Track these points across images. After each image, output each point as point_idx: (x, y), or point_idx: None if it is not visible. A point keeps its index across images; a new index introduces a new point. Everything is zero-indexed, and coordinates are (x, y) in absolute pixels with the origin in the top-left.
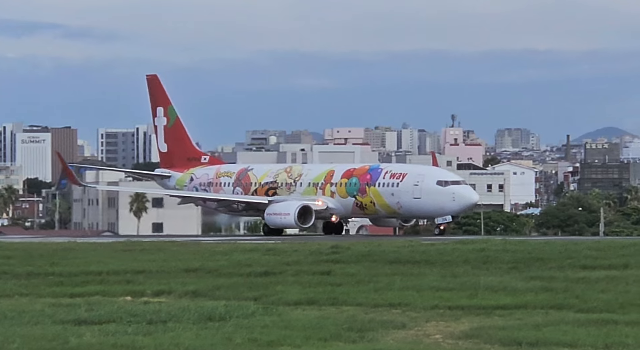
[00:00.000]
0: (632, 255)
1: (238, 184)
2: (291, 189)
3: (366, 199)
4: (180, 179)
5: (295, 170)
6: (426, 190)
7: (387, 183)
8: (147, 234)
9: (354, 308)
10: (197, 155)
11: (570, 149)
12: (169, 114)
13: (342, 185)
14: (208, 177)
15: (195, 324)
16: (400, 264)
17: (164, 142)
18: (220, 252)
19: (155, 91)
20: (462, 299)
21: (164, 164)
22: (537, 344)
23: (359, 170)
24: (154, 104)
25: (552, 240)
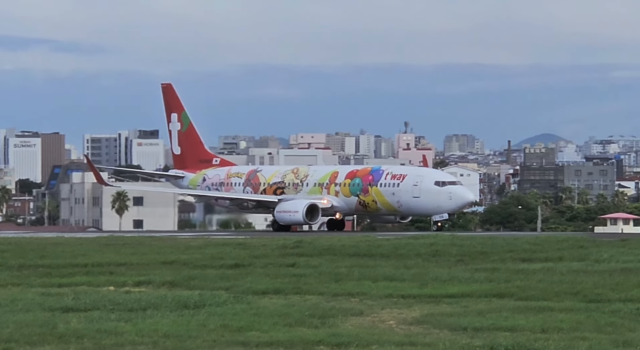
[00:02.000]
0: (566, 249)
1: (248, 184)
2: (298, 188)
3: (368, 198)
4: (193, 179)
5: (302, 172)
6: (425, 190)
7: (388, 183)
8: (128, 229)
9: (317, 297)
10: (209, 158)
11: (511, 153)
12: (183, 119)
13: (346, 185)
14: (220, 178)
15: (172, 311)
16: (359, 257)
17: (177, 145)
18: (195, 246)
19: (170, 98)
20: (413, 288)
21: (178, 165)
22: (481, 329)
23: (361, 171)
24: (169, 110)
25: (495, 235)
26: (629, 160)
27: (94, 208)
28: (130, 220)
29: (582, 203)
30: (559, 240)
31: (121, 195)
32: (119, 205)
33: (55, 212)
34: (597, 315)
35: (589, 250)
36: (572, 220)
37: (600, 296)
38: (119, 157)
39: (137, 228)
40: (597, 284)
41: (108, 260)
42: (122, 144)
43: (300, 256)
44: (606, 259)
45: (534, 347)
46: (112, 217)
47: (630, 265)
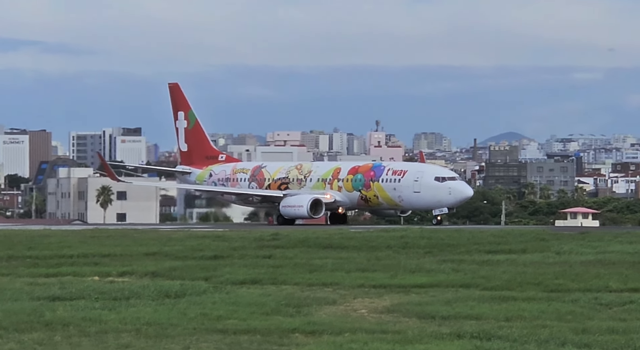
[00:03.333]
0: (529, 242)
1: (253, 180)
2: (302, 184)
3: (370, 193)
4: (200, 175)
5: (306, 168)
6: (425, 185)
7: (389, 179)
8: (112, 222)
9: (292, 287)
10: (215, 154)
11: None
12: (189, 117)
13: (349, 180)
14: (225, 174)
15: (154, 300)
16: (332, 249)
17: (184, 142)
18: (176, 238)
19: (177, 97)
20: (384, 278)
21: (184, 162)
22: (448, 317)
23: (363, 167)
24: (175, 109)
25: (461, 228)
26: (588, 157)
27: (79, 202)
28: (114, 213)
29: (544, 198)
30: (522, 233)
31: (106, 190)
32: (104, 199)
33: (42, 206)
34: (558, 304)
35: (550, 243)
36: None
37: (560, 286)
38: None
39: (121, 221)
40: (558, 275)
41: (93, 251)
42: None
43: (277, 248)
44: (566, 251)
45: (498, 335)
46: (96, 210)
47: (589, 257)
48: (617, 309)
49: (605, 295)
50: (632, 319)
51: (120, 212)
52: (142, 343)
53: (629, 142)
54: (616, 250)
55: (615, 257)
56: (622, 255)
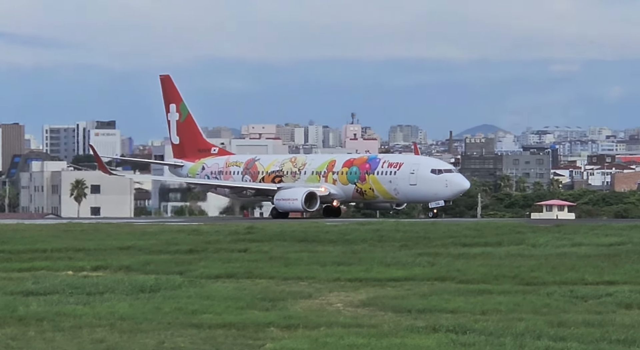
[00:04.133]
0: (505, 235)
1: (247, 173)
2: (296, 177)
3: (366, 186)
4: (192, 168)
5: (300, 160)
6: (421, 177)
7: (385, 171)
8: (86, 216)
9: (267, 281)
10: (208, 147)
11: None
12: (181, 109)
13: (344, 173)
14: (218, 167)
15: (128, 295)
16: (307, 243)
17: (176, 135)
18: (151, 232)
19: (168, 89)
20: (360, 272)
21: (176, 155)
22: (424, 310)
23: (358, 160)
24: (167, 101)
25: (437, 221)
26: (563, 149)
27: (53, 196)
28: (88, 207)
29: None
30: (498, 226)
31: (79, 183)
32: (78, 192)
33: (15, 200)
34: (533, 297)
35: (526, 236)
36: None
37: (536, 279)
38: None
39: (95, 215)
40: (534, 268)
41: (67, 245)
42: (80, 134)
43: (252, 242)
44: (542, 243)
45: (474, 328)
46: (70, 204)
47: (564, 249)
48: (592, 302)
49: (580, 288)
50: (607, 311)
51: (94, 206)
52: (117, 338)
53: (605, 134)
54: (592, 242)
55: (591, 249)
56: (598, 248)
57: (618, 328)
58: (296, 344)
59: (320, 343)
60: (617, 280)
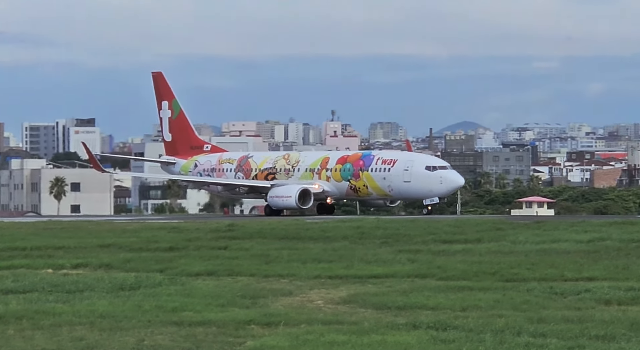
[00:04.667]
0: (485, 231)
1: (239, 170)
2: (289, 174)
3: (359, 183)
4: (184, 165)
5: (293, 157)
6: (415, 174)
7: (379, 168)
8: (66, 214)
9: (248, 278)
10: (200, 144)
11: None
12: (174, 107)
13: (337, 170)
14: (211, 164)
15: (108, 293)
16: (288, 240)
17: (168, 132)
18: (131, 230)
19: (160, 86)
20: (340, 269)
21: (169, 152)
22: (405, 307)
23: (352, 156)
24: (159, 98)
25: (417, 218)
26: (543, 146)
27: (32, 193)
28: (68, 205)
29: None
30: (478, 222)
31: (59, 181)
32: (57, 190)
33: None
34: (513, 294)
35: (506, 232)
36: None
37: (516, 276)
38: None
39: (75, 213)
40: (514, 264)
41: (46, 243)
42: (59, 132)
43: (232, 239)
44: (522, 240)
45: (454, 325)
46: (50, 202)
47: (544, 246)
48: (572, 298)
49: (560, 284)
50: (586, 308)
51: (74, 204)
52: (97, 336)
53: (584, 131)
54: (571, 239)
55: (570, 246)
56: (577, 244)
57: (597, 324)
58: (277, 342)
59: (300, 340)
60: (597, 276)
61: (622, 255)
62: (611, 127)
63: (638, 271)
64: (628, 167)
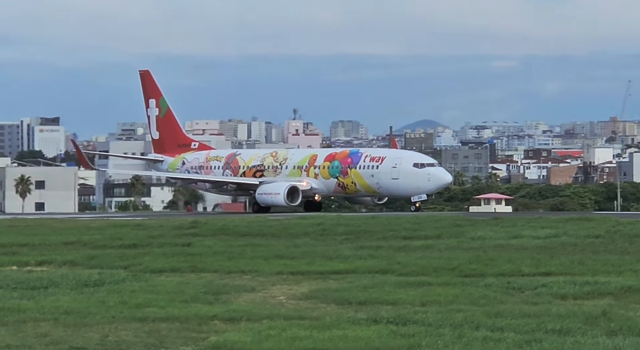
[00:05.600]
0: (444, 228)
1: (227, 167)
2: (277, 171)
3: (347, 180)
4: (172, 163)
5: (281, 155)
6: (404, 171)
7: (367, 165)
8: (30, 212)
9: (211, 274)
10: (188, 142)
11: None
12: (161, 105)
13: (325, 167)
14: (199, 161)
15: (73, 289)
16: (251, 237)
17: (155, 130)
18: (95, 227)
19: (148, 84)
20: (302, 265)
21: (156, 150)
22: (365, 303)
23: (340, 154)
24: (147, 96)
25: (378, 215)
26: (501, 144)
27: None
28: (32, 203)
29: (459, 184)
30: (437, 219)
31: (24, 179)
32: (22, 188)
33: None
34: (471, 289)
35: (464, 229)
36: (450, 200)
37: (474, 271)
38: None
39: (39, 210)
40: (472, 260)
41: (11, 241)
42: (24, 131)
43: (196, 236)
44: (480, 236)
45: (414, 319)
46: (15, 200)
47: (502, 242)
48: (529, 293)
49: (517, 279)
50: (543, 302)
51: (38, 202)
52: (61, 332)
53: (541, 129)
54: (528, 235)
55: (528, 242)
56: (534, 240)
57: (553, 318)
58: (239, 337)
59: (263, 335)
60: (553, 271)
61: (578, 250)
62: (567, 125)
63: (593, 266)
64: (584, 164)
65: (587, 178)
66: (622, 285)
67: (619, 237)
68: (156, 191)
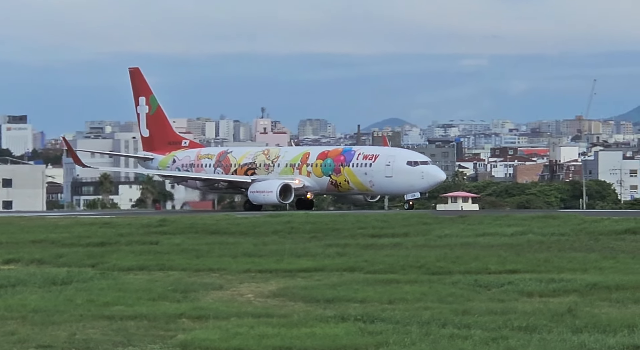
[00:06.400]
0: (412, 226)
1: (219, 165)
2: (269, 169)
3: (340, 178)
4: (162, 161)
5: (273, 153)
6: (397, 169)
7: (360, 163)
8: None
9: (179, 272)
10: (178, 140)
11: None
12: (151, 102)
13: (318, 165)
14: (190, 159)
15: (40, 287)
16: (219, 235)
17: (145, 128)
18: (63, 225)
19: (137, 82)
20: (270, 263)
21: (146, 148)
22: (333, 300)
23: (333, 152)
24: (137, 94)
25: (346, 213)
26: (468, 142)
27: None
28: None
29: None
30: (405, 217)
31: None
32: None
33: None
34: (439, 286)
35: (432, 227)
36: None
37: (442, 269)
38: None
39: (7, 209)
40: (439, 258)
41: None
42: None
43: (164, 234)
44: (447, 234)
45: (381, 317)
46: None
47: (468, 240)
48: (495, 290)
49: (484, 277)
50: (509, 299)
51: (6, 200)
52: (29, 330)
53: (508, 128)
54: (495, 233)
55: (494, 239)
56: (501, 238)
57: (520, 315)
58: (207, 335)
59: (231, 333)
60: (519, 269)
61: (544, 248)
62: (533, 123)
63: (559, 264)
64: (549, 162)
65: (553, 176)
66: (587, 283)
67: (584, 235)
68: (124, 189)
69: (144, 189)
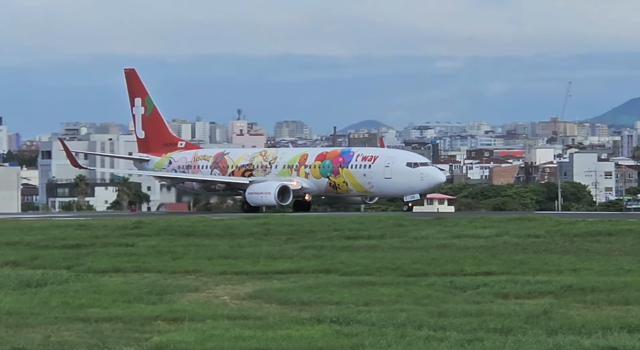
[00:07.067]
0: (388, 228)
1: (215, 167)
2: (267, 170)
3: (339, 180)
4: (158, 163)
5: (270, 154)
6: (396, 171)
7: (359, 165)
8: None
9: (155, 274)
10: (174, 141)
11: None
12: (147, 104)
13: (316, 167)
14: (186, 161)
15: (15, 289)
16: (195, 237)
17: (141, 129)
18: (38, 227)
19: (133, 83)
20: (246, 265)
21: (141, 149)
22: (309, 302)
23: (331, 153)
24: (132, 95)
25: (322, 215)
26: (444, 144)
27: None
28: None
29: None
30: (381, 219)
31: None
32: None
33: None
34: (415, 288)
35: (407, 228)
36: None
37: (418, 271)
38: None
39: None
40: (415, 260)
41: None
42: None
43: (139, 236)
44: (423, 236)
45: (357, 319)
46: None
47: (444, 241)
48: (471, 292)
49: (460, 279)
50: (485, 301)
51: None
52: (3, 332)
53: (484, 129)
54: (471, 234)
55: (470, 241)
56: (476, 240)
57: (495, 317)
58: (183, 337)
59: (206, 335)
60: (495, 270)
61: (520, 250)
62: (509, 125)
63: (534, 266)
64: (525, 164)
65: (529, 178)
66: (562, 285)
67: (559, 236)
68: (100, 191)
69: (119, 190)
